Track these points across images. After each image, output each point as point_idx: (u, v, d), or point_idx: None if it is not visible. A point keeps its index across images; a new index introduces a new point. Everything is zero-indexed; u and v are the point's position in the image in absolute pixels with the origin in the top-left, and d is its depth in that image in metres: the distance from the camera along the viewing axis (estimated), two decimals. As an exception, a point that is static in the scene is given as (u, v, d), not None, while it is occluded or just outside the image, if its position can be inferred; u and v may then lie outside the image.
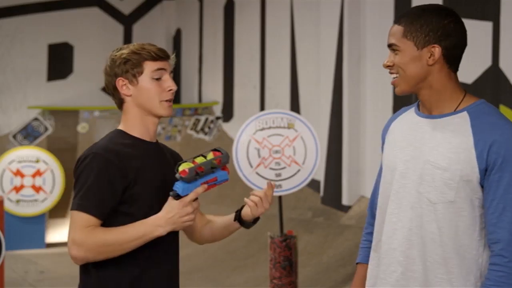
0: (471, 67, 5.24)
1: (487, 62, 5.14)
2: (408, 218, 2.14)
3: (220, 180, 2.35)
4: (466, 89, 2.21)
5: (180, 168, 2.19)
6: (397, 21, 2.16)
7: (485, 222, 2.08)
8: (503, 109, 5.01)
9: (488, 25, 5.14)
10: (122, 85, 2.30)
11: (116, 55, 2.30)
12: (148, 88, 2.29)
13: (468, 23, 5.84)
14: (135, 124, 2.32)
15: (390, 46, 2.15)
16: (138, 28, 10.71)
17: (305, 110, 7.58)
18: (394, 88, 2.18)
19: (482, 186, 2.08)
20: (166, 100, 2.30)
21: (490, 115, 2.11)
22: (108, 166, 2.20)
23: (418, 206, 2.12)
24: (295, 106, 7.81)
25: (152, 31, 10.67)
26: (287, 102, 7.95)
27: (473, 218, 2.08)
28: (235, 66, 9.17)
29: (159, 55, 2.29)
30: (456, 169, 2.07)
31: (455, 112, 2.13)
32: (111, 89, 2.33)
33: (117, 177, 2.21)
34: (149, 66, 2.29)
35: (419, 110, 2.22)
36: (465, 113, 2.12)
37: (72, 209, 2.21)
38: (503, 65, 5.05)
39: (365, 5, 6.56)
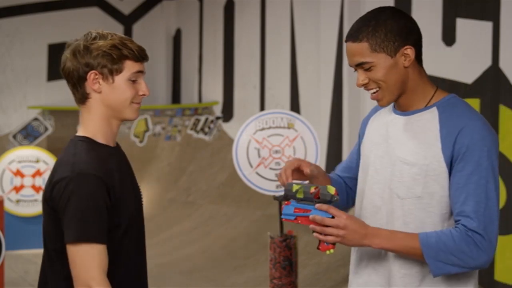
0: (471, 67, 5.24)
1: (487, 62, 5.14)
2: (381, 215, 2.15)
3: None
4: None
5: (332, 191, 2.07)
6: (354, 39, 2.10)
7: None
8: (503, 109, 5.01)
9: (488, 25, 5.14)
10: (94, 79, 2.07)
11: (92, 44, 2.07)
12: (123, 90, 2.08)
13: (468, 23, 5.84)
14: (101, 127, 2.11)
15: (358, 65, 2.10)
16: (138, 28, 10.71)
17: (305, 110, 7.58)
18: (378, 102, 2.15)
19: None
20: (136, 102, 2.12)
21: (457, 108, 2.10)
22: (99, 187, 2.00)
23: (389, 203, 2.14)
24: (295, 106, 7.81)
25: (152, 31, 10.67)
26: (287, 102, 7.95)
27: (440, 216, 2.08)
28: (235, 66, 9.17)
29: (142, 56, 2.11)
30: (423, 164, 2.07)
31: (426, 108, 2.13)
32: (75, 79, 2.09)
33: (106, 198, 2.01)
34: (130, 67, 2.08)
35: (394, 107, 2.22)
36: (434, 108, 2.12)
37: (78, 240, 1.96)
38: (503, 65, 5.05)
39: (365, 5, 6.56)
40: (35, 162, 8.31)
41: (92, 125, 2.11)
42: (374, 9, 2.15)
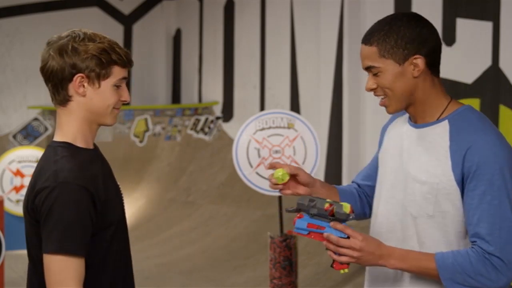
0: (471, 67, 5.24)
1: (487, 62, 5.14)
2: (396, 231, 2.09)
3: None
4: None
5: (347, 210, 1.99)
6: (366, 41, 2.05)
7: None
8: (503, 109, 5.01)
9: (488, 25, 5.14)
10: (80, 82, 2.01)
11: (81, 45, 2.01)
12: (108, 96, 2.03)
13: (468, 23, 5.85)
14: (81, 131, 2.05)
15: (367, 69, 2.05)
16: (138, 28, 10.71)
17: (305, 110, 7.58)
18: (385, 108, 2.09)
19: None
20: (117, 108, 2.07)
21: (469, 122, 2.01)
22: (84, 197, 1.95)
23: (403, 220, 2.08)
24: (295, 106, 7.81)
25: (152, 31, 10.66)
26: (287, 102, 7.95)
27: (456, 234, 2.01)
28: (235, 66, 9.17)
29: (128, 62, 2.06)
30: (433, 182, 2.00)
31: (437, 121, 2.05)
32: (58, 79, 2.03)
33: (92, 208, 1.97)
34: (117, 73, 2.04)
35: (410, 117, 2.14)
36: (446, 122, 2.03)
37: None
38: (503, 65, 5.05)
39: (365, 5, 6.56)
40: (35, 162, 8.30)
41: (71, 129, 2.05)
42: (394, 13, 2.09)
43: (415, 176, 2.04)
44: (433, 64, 2.04)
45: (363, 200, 2.32)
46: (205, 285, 6.46)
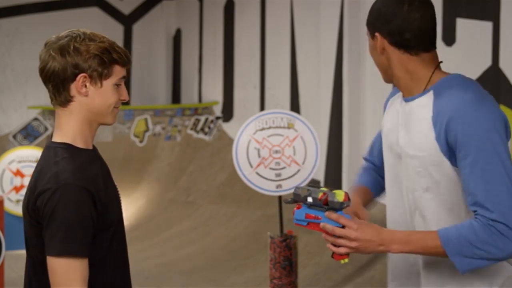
0: (471, 67, 5.24)
1: (487, 62, 5.14)
2: (402, 207, 2.10)
3: None
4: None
5: (341, 198, 1.95)
6: None
7: None
8: (503, 109, 5.01)
9: (488, 25, 5.14)
10: (82, 82, 2.01)
11: (82, 45, 2.01)
12: (110, 95, 2.03)
13: (468, 23, 5.84)
14: (81, 131, 2.04)
15: None
16: (138, 28, 10.71)
17: (305, 110, 7.58)
18: None
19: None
20: (117, 107, 2.08)
21: (451, 91, 1.96)
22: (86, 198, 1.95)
23: (405, 196, 2.08)
24: (295, 106, 7.81)
25: (152, 31, 10.66)
26: (287, 102, 7.95)
27: (457, 205, 1.98)
28: (235, 66, 9.17)
29: (128, 61, 2.07)
30: (421, 156, 1.98)
31: (423, 92, 2.02)
32: (59, 79, 2.03)
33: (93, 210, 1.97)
34: (118, 72, 2.04)
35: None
36: (431, 93, 2.00)
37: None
38: (503, 65, 5.05)
39: (365, 5, 6.56)
40: (35, 162, 8.29)
41: (71, 129, 2.04)
42: None
43: (406, 152, 2.03)
44: (402, 43, 2.01)
45: None
46: (205, 285, 6.46)
